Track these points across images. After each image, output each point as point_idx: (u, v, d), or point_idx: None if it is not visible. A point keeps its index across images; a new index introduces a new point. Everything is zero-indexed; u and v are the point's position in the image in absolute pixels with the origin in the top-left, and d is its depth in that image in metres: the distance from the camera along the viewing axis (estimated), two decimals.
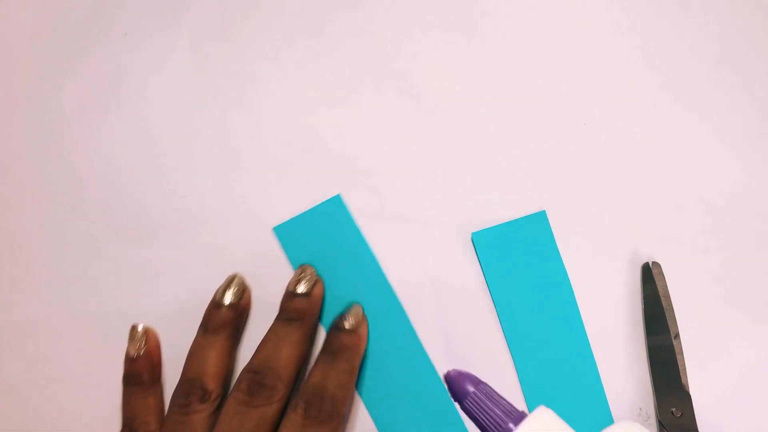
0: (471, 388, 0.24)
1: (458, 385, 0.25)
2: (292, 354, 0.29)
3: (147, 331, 0.32)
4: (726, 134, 0.32)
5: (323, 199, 0.33)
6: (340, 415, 0.28)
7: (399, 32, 0.34)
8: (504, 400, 0.24)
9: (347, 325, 0.30)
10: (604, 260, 0.31)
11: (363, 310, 0.31)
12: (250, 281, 0.32)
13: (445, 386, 0.26)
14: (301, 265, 0.32)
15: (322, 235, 0.33)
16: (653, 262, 0.31)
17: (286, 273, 0.32)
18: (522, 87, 0.33)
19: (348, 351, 0.29)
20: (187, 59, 0.35)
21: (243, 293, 0.32)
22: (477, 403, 0.24)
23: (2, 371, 0.34)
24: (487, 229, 0.32)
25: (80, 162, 0.35)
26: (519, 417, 0.23)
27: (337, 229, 0.33)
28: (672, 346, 0.29)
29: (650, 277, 0.30)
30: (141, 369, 0.31)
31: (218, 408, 0.29)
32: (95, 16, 0.36)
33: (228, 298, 0.31)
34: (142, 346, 0.31)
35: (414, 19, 0.34)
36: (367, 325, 0.31)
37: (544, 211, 0.32)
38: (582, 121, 0.33)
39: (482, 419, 0.23)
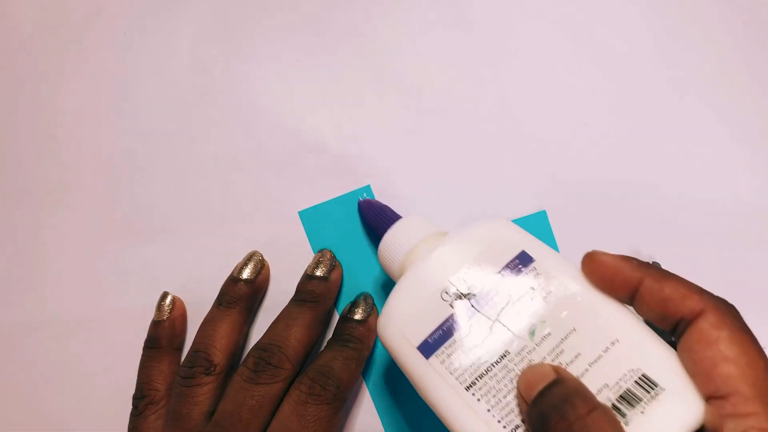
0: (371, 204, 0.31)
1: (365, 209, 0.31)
2: (302, 335, 0.29)
3: (175, 301, 0.33)
4: (726, 134, 0.32)
5: (322, 199, 0.33)
6: (344, 398, 0.28)
7: (399, 32, 0.34)
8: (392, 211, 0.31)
9: (357, 315, 0.30)
10: None
11: (374, 300, 0.31)
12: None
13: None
14: (321, 250, 0.32)
15: (347, 222, 0.33)
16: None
17: (307, 260, 0.32)
18: (522, 87, 0.33)
19: (357, 341, 0.29)
20: (187, 59, 0.35)
21: (261, 270, 0.32)
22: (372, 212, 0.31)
23: (2, 371, 0.34)
24: None
25: (80, 162, 0.35)
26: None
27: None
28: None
29: None
30: (161, 334, 0.32)
31: (225, 382, 0.29)
32: (95, 16, 0.36)
33: (245, 274, 0.31)
34: (167, 312, 0.32)
35: (414, 19, 0.34)
36: (378, 316, 0.31)
37: (544, 211, 0.32)
38: (582, 121, 0.32)
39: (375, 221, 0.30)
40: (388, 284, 0.32)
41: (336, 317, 0.32)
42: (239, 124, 0.34)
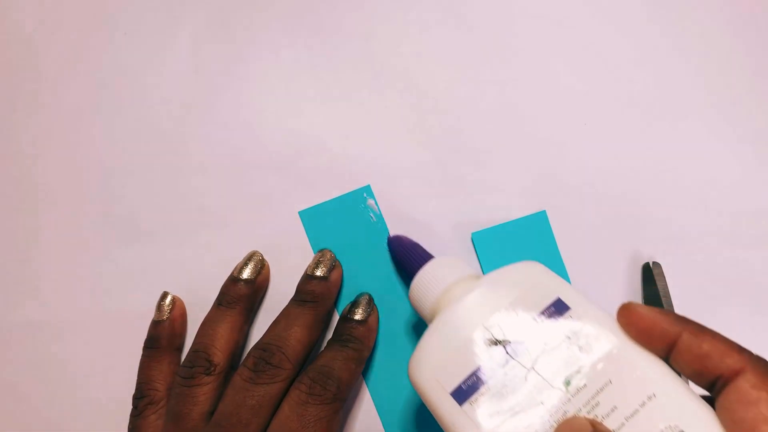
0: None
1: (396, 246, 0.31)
2: (302, 335, 0.29)
3: (175, 301, 0.32)
4: (726, 134, 0.32)
5: (322, 199, 0.33)
6: (343, 398, 0.28)
7: (399, 32, 0.34)
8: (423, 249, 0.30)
9: (357, 315, 0.30)
10: (604, 260, 0.31)
11: (374, 300, 0.31)
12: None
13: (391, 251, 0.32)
14: (321, 250, 0.32)
15: (347, 223, 0.33)
16: (654, 262, 0.30)
17: (307, 260, 0.32)
18: (522, 87, 0.33)
19: (357, 341, 0.29)
20: (187, 59, 0.35)
21: (261, 270, 0.32)
22: (402, 248, 0.30)
23: (2, 371, 0.34)
24: (487, 229, 0.32)
25: (80, 162, 0.35)
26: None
27: (363, 218, 0.33)
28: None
29: (651, 278, 0.30)
30: (161, 333, 0.32)
31: (225, 382, 0.29)
32: (95, 16, 0.36)
33: (245, 274, 0.31)
34: (167, 312, 0.32)
35: (414, 19, 0.34)
36: (378, 316, 0.31)
37: (544, 211, 0.32)
38: (582, 121, 0.32)
39: (406, 260, 0.30)
40: (384, 288, 0.32)
41: (336, 317, 0.32)
42: (239, 124, 0.34)
